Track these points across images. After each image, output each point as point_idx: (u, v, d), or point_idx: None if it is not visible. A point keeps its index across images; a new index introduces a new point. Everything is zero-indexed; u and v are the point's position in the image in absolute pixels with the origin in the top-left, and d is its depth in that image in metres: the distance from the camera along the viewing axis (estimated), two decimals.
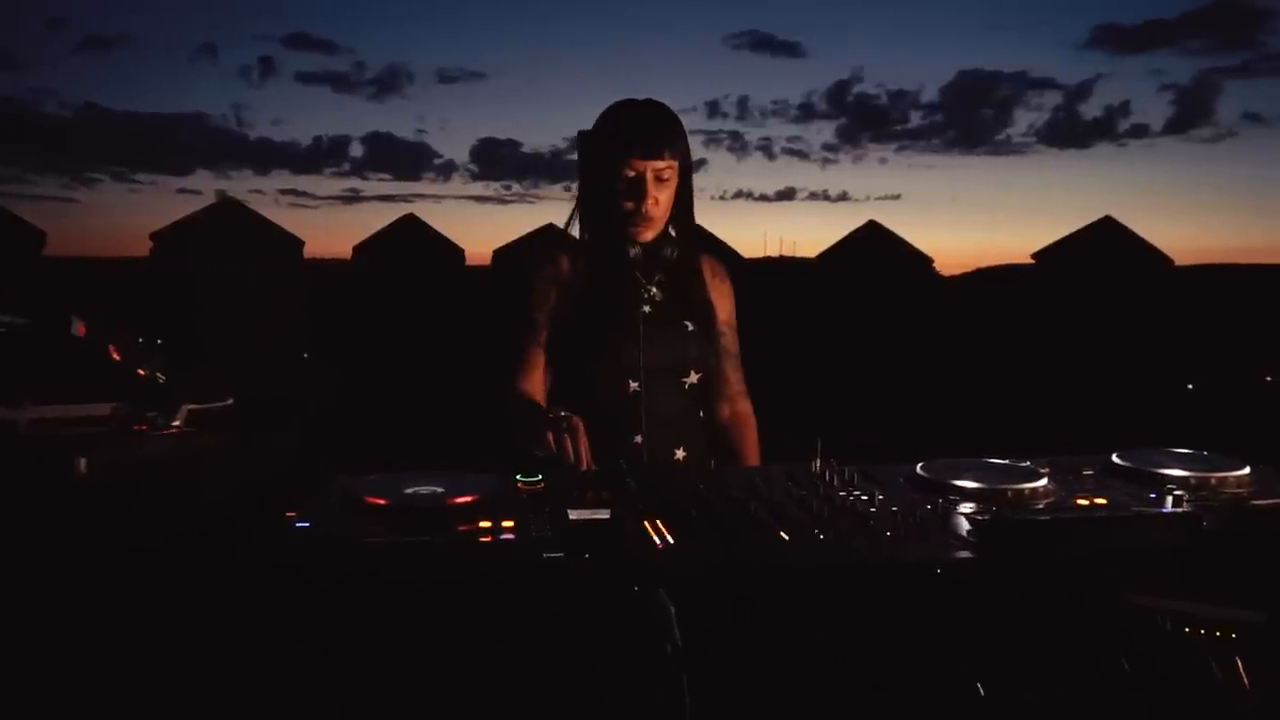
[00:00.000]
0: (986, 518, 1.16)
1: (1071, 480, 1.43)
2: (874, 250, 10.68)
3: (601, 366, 1.72)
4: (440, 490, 1.29)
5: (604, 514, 1.23)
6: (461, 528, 1.15)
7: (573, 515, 1.23)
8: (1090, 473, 1.47)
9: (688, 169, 1.74)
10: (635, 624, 0.92)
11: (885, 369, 9.32)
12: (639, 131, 1.64)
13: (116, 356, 1.92)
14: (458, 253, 11.77)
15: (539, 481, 1.42)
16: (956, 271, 10.71)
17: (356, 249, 11.65)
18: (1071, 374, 8.90)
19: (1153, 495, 1.33)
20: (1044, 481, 1.35)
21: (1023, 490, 1.32)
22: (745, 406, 1.91)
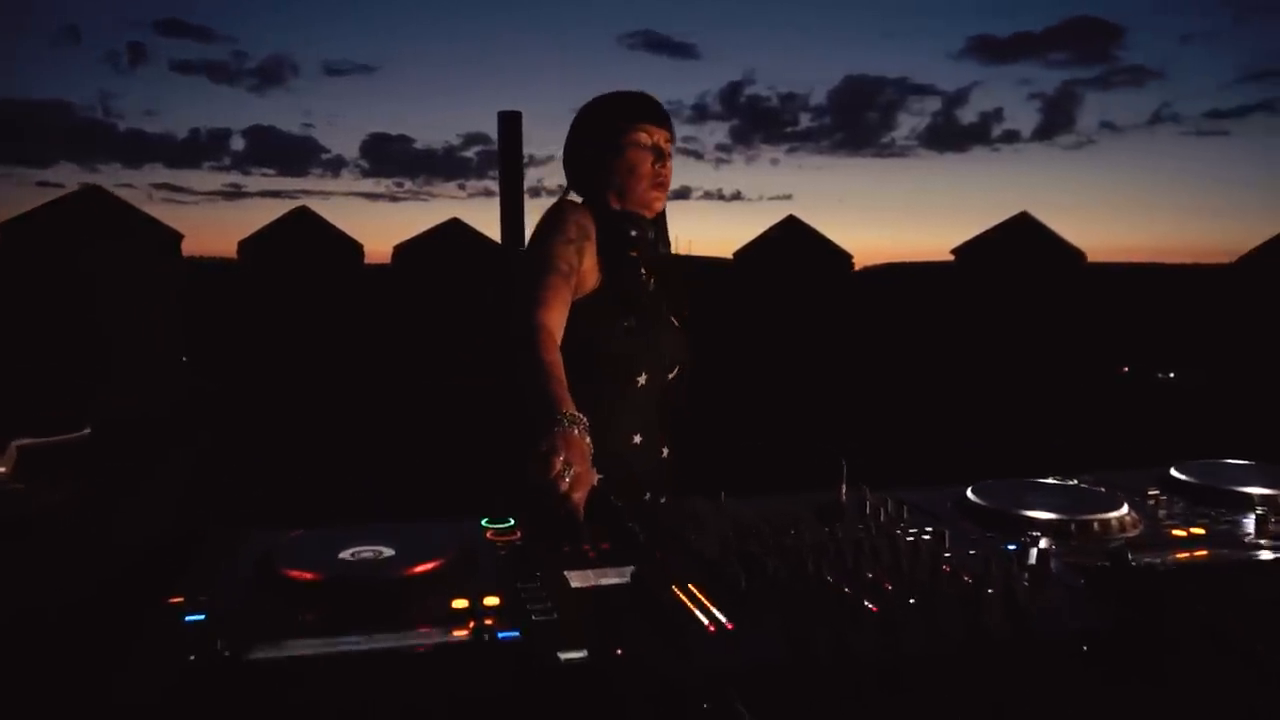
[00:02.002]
0: (1105, 564, 0.93)
1: (1140, 502, 1.23)
2: (794, 247, 10.51)
3: (615, 355, 1.48)
4: (390, 553, 0.96)
5: (620, 578, 0.93)
6: (421, 617, 0.82)
7: (575, 582, 0.93)
8: (1155, 492, 1.27)
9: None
10: None
11: (828, 371, 9.06)
12: (649, 104, 1.58)
13: None
14: (356, 249, 11.02)
15: (513, 529, 1.11)
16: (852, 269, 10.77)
17: (243, 244, 10.72)
18: (1000, 372, 8.94)
19: (1245, 520, 1.14)
20: (1126, 509, 1.14)
21: (1108, 520, 1.10)
22: None
